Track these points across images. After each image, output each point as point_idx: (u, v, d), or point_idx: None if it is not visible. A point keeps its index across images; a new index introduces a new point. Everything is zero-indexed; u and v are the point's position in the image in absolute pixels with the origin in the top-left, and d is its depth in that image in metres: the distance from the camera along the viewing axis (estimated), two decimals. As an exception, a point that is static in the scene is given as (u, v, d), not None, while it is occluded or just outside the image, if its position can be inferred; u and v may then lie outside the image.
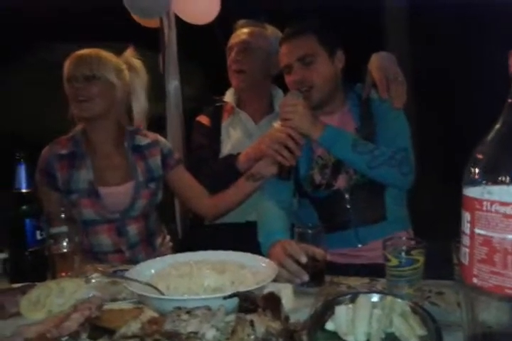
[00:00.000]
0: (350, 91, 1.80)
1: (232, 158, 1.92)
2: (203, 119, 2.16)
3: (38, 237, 1.36)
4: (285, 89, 1.84)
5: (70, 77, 1.72)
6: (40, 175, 1.76)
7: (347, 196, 1.69)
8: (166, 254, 1.64)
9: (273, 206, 1.67)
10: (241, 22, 2.19)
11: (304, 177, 1.74)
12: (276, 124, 1.66)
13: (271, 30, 2.16)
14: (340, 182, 1.70)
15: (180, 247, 2.09)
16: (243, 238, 1.63)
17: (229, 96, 2.19)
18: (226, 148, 2.10)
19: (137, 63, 1.88)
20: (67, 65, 1.74)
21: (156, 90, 2.90)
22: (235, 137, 2.13)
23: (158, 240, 1.93)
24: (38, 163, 1.77)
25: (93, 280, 1.29)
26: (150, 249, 1.86)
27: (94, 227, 1.76)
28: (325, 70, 1.70)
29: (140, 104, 1.88)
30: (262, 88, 2.16)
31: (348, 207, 1.69)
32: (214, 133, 2.13)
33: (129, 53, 1.88)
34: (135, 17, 2.74)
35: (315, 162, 1.74)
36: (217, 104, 2.20)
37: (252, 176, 1.73)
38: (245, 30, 2.13)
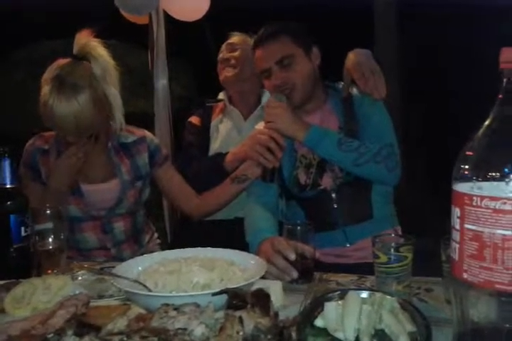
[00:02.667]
0: (331, 89, 1.80)
1: (220, 156, 1.92)
2: (194, 120, 2.23)
3: (23, 234, 1.33)
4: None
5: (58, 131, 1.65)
6: (24, 168, 1.73)
7: (333, 195, 1.68)
8: (153, 251, 1.63)
9: (259, 207, 1.67)
10: (233, 34, 2.27)
11: (288, 178, 1.74)
12: (258, 126, 1.66)
13: None
14: (326, 181, 1.70)
15: (168, 244, 2.09)
16: (232, 234, 1.63)
17: (222, 95, 2.28)
18: (215, 144, 2.15)
19: (98, 50, 1.61)
20: (46, 92, 1.54)
21: (145, 88, 2.89)
22: (223, 133, 2.18)
23: (146, 238, 1.91)
24: (22, 155, 1.74)
25: (79, 278, 1.28)
26: (136, 247, 1.85)
27: (80, 224, 1.74)
28: (304, 69, 1.70)
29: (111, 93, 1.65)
30: (250, 84, 2.20)
31: (335, 206, 1.68)
32: (203, 131, 2.18)
33: (83, 39, 1.62)
34: (124, 13, 2.72)
35: (299, 161, 1.74)
36: (208, 104, 2.27)
37: (237, 178, 1.73)
38: (235, 37, 2.25)
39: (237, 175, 1.73)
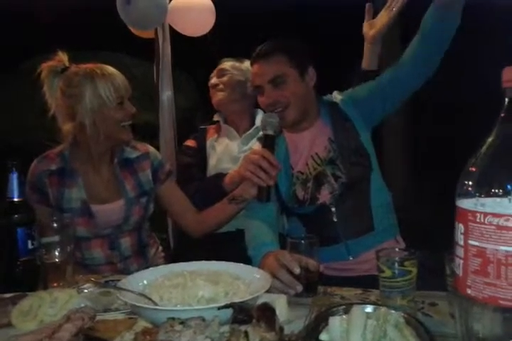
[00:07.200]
0: (321, 105, 1.82)
1: (221, 177, 1.96)
2: (190, 142, 2.32)
3: (30, 246, 1.35)
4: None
5: None
6: (31, 191, 1.70)
7: (333, 209, 1.69)
8: (157, 264, 1.63)
9: (259, 221, 1.67)
10: (223, 60, 2.38)
11: (286, 195, 1.75)
12: (254, 146, 1.68)
13: (247, 63, 2.29)
14: (324, 194, 1.71)
15: (172, 257, 2.09)
16: (234, 246, 1.64)
17: (217, 117, 2.37)
18: (212, 161, 2.22)
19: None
20: None
21: (150, 99, 2.92)
22: (219, 150, 2.25)
23: (151, 251, 1.91)
24: (27, 178, 1.71)
25: (85, 291, 1.28)
26: (142, 261, 1.85)
27: (87, 242, 1.74)
28: (296, 89, 1.72)
29: None
30: (241, 105, 2.30)
31: (335, 220, 1.69)
32: (200, 151, 2.26)
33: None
34: (130, 27, 2.75)
35: (295, 178, 1.75)
36: (202, 127, 2.37)
37: (234, 199, 1.73)
38: (224, 63, 2.35)
39: (234, 196, 1.73)
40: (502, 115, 0.77)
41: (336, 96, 1.81)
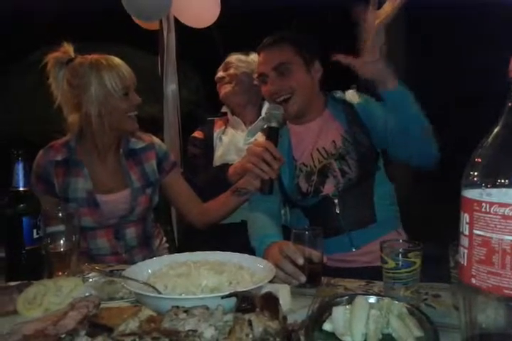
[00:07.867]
0: (330, 98, 1.81)
1: (225, 168, 1.98)
2: (198, 134, 2.35)
3: (35, 236, 1.35)
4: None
5: None
6: (37, 181, 1.72)
7: (336, 201, 1.69)
8: (162, 255, 1.64)
9: (262, 213, 1.67)
10: (231, 54, 2.40)
11: (289, 187, 1.75)
12: (258, 138, 1.68)
13: (253, 55, 2.32)
14: (328, 187, 1.70)
15: (176, 248, 2.10)
16: (239, 237, 1.64)
17: (225, 108, 2.40)
18: (218, 152, 2.25)
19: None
20: None
21: (154, 92, 2.92)
22: (226, 141, 2.27)
23: (156, 242, 1.92)
24: (33, 168, 1.72)
25: (90, 280, 1.29)
26: (146, 251, 1.85)
27: (92, 232, 1.75)
28: (301, 78, 1.71)
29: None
30: (247, 97, 2.31)
31: (338, 212, 1.69)
32: (207, 143, 2.29)
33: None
34: (135, 19, 2.75)
35: (299, 170, 1.75)
36: (210, 119, 2.40)
37: (237, 191, 1.73)
38: (230, 57, 2.36)
39: (238, 187, 1.73)
40: (509, 104, 0.76)
41: (353, 97, 1.78)
